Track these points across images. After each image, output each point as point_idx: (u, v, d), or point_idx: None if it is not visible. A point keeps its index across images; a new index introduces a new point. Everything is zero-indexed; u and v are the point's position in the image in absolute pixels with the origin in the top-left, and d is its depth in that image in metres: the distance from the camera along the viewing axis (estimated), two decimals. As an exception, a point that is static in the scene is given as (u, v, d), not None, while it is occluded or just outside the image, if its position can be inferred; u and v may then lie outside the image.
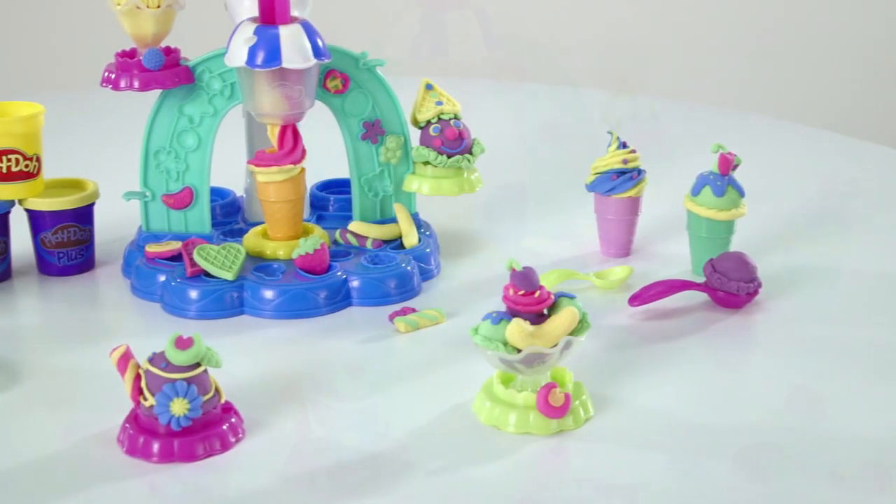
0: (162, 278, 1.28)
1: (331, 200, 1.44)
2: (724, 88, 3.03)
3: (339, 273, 1.28)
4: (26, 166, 1.31)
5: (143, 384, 0.99)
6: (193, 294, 1.25)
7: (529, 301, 1.02)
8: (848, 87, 3.10)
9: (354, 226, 1.35)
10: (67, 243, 1.34)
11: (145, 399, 0.99)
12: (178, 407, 0.98)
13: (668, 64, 3.05)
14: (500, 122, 1.86)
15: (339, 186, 1.48)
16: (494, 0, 3.03)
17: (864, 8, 3.07)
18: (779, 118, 2.06)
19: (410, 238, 1.35)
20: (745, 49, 3.06)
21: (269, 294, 1.25)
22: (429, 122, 1.34)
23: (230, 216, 1.43)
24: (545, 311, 1.04)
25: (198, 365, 0.99)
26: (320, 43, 1.27)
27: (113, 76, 1.28)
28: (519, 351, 1.02)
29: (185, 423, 0.98)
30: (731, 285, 1.24)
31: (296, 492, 0.97)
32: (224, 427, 1.01)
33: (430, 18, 2.99)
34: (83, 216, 1.35)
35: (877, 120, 3.03)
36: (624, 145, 1.38)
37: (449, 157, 1.34)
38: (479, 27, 3.02)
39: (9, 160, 1.30)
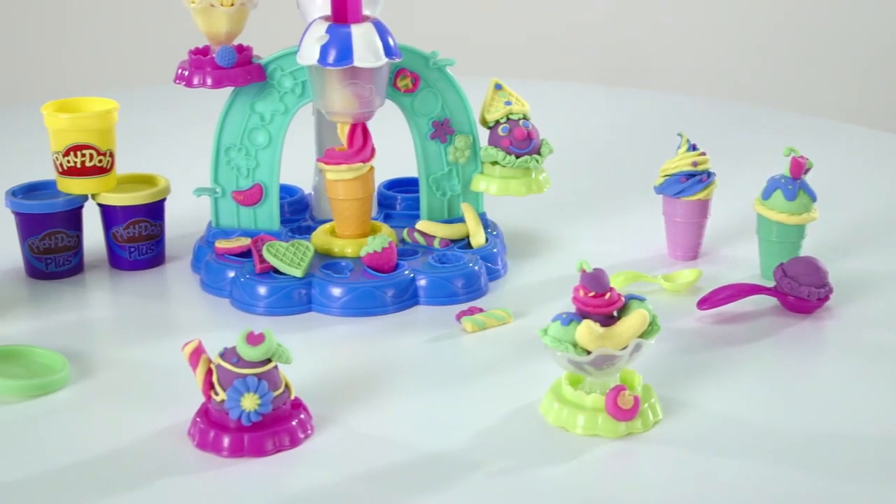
0: (231, 274, 1.29)
1: (398, 199, 1.45)
2: (793, 92, 3.00)
3: (406, 272, 1.28)
4: (100, 161, 1.33)
5: (214, 379, 1.00)
6: (262, 290, 1.26)
7: (600, 303, 1.02)
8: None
9: (422, 225, 1.36)
10: (138, 238, 1.36)
11: (216, 394, 1.00)
12: (249, 402, 0.99)
13: (738, 67, 3.03)
14: (569, 123, 1.85)
15: (406, 185, 1.48)
16: (556, 3, 3.03)
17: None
18: (848, 122, 2.03)
19: (478, 238, 1.35)
20: (816, 54, 3.03)
21: (336, 291, 1.26)
22: (497, 122, 1.34)
23: (298, 213, 1.44)
24: (615, 313, 1.04)
25: (269, 361, 1.00)
26: (391, 42, 1.27)
27: (186, 73, 1.29)
28: (588, 353, 1.02)
29: (255, 419, 0.99)
30: (801, 290, 1.23)
31: (363, 488, 0.97)
32: (293, 423, 1.02)
33: (499, 18, 3.00)
34: (154, 211, 1.36)
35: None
36: (694, 147, 1.37)
37: (517, 157, 1.34)
38: (548, 28, 3.01)
39: (83, 155, 1.32)
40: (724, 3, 3.04)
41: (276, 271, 1.27)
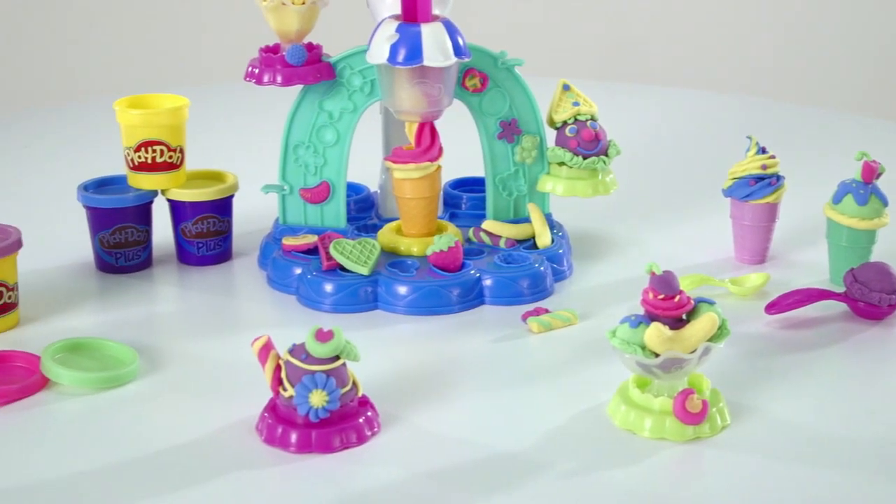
0: (298, 271, 1.29)
1: (463, 199, 1.45)
2: (866, 96, 2.97)
3: (472, 271, 1.28)
4: (170, 157, 1.34)
5: (283, 375, 1.01)
6: (328, 287, 1.26)
7: (669, 305, 1.01)
8: None
9: (488, 224, 1.36)
10: (206, 234, 1.37)
11: (285, 389, 1.00)
12: (317, 398, 0.99)
13: (808, 70, 3.00)
14: (637, 125, 1.84)
15: (472, 185, 1.48)
16: (632, 4, 3.01)
17: None
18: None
19: (544, 238, 1.34)
20: (890, 56, 2.99)
21: (402, 290, 1.26)
22: (565, 123, 1.34)
23: (364, 212, 1.44)
24: (684, 317, 1.03)
25: (337, 358, 1.01)
26: (461, 41, 1.27)
27: (256, 71, 1.30)
28: (657, 355, 1.01)
29: (322, 415, 1.00)
30: (872, 296, 1.21)
31: (429, 487, 0.97)
32: (360, 420, 1.02)
33: (568, 18, 2.99)
34: (222, 207, 1.37)
35: None
36: (763, 150, 1.36)
37: (584, 158, 1.33)
38: (614, 31, 3.00)
39: (154, 151, 1.33)
40: (791, 5, 3.01)
41: (343, 269, 1.28)
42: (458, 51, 1.27)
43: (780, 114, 1.97)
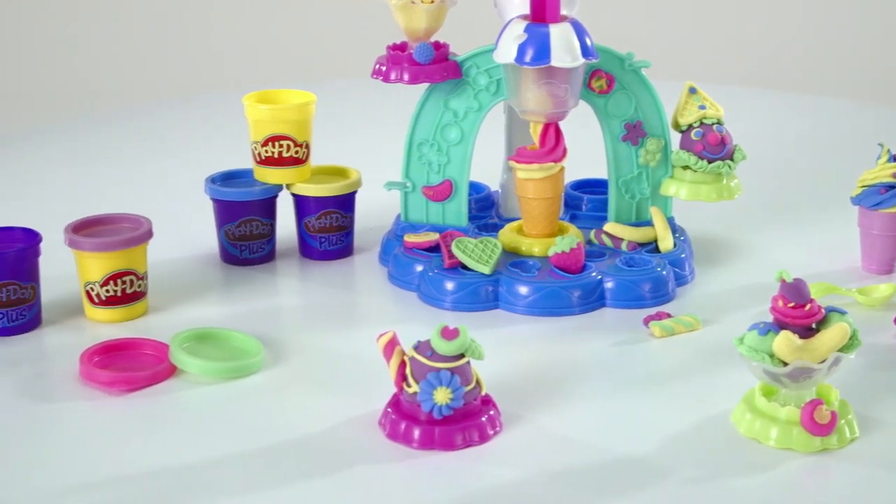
0: (419, 268, 1.30)
1: (584, 200, 1.44)
2: None
3: (593, 273, 1.28)
4: (296, 152, 1.36)
5: (407, 371, 1.01)
6: (449, 285, 1.27)
7: (799, 314, 1.00)
8: None
9: (610, 227, 1.35)
10: (329, 229, 1.38)
11: (409, 386, 1.01)
12: (441, 396, 1.00)
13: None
14: (764, 130, 1.82)
15: (593, 186, 1.47)
16: (757, 9, 2.97)
17: None
18: None
19: (666, 242, 1.33)
20: None
21: (523, 290, 1.26)
22: (690, 126, 1.33)
23: (484, 211, 1.44)
24: (814, 326, 1.01)
25: (462, 356, 1.01)
26: (589, 42, 1.27)
27: (383, 68, 1.31)
28: (785, 364, 1.00)
29: (446, 412, 1.00)
30: None
31: (550, 488, 0.97)
32: (483, 419, 1.03)
33: (696, 20, 2.96)
34: (346, 203, 1.39)
35: None
36: (894, 158, 1.33)
37: (709, 162, 1.32)
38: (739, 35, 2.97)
39: (280, 146, 1.35)
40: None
41: (464, 267, 1.28)
42: (585, 52, 1.26)
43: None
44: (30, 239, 1.23)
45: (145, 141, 1.87)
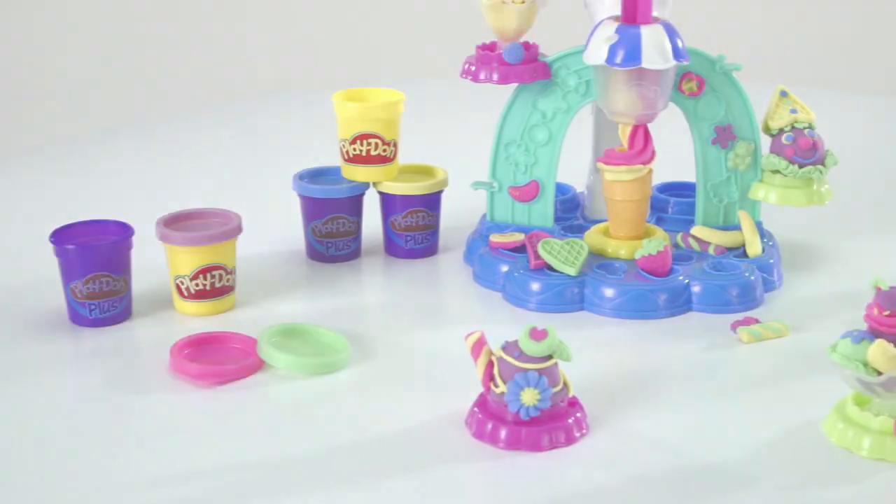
0: (504, 268, 1.30)
1: (671, 203, 1.43)
2: None
3: (680, 277, 1.27)
4: (384, 151, 1.36)
5: (495, 371, 1.01)
6: (535, 286, 1.26)
7: (895, 323, 0.98)
8: None
9: (697, 230, 1.34)
10: (415, 227, 1.39)
11: (496, 386, 1.01)
12: (529, 397, 1.00)
13: None
14: (857, 135, 1.79)
15: (679, 189, 1.46)
16: (849, 12, 2.93)
17: None
18: None
19: (754, 247, 1.32)
20: None
21: (609, 292, 1.25)
22: (781, 130, 1.31)
23: (570, 212, 1.44)
24: (909, 335, 1.00)
25: (550, 357, 1.01)
26: (680, 44, 1.26)
27: (473, 68, 1.31)
28: (880, 373, 0.98)
29: (533, 413, 1.00)
30: None
31: (636, 492, 0.97)
32: (570, 421, 1.02)
33: (789, 23, 2.93)
34: (432, 202, 1.39)
35: None
36: None
37: (800, 166, 1.30)
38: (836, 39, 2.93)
39: (369, 144, 1.36)
40: None
41: (550, 268, 1.28)
42: (676, 53, 1.25)
43: None
44: (122, 232, 1.25)
45: (238, 137, 1.89)
